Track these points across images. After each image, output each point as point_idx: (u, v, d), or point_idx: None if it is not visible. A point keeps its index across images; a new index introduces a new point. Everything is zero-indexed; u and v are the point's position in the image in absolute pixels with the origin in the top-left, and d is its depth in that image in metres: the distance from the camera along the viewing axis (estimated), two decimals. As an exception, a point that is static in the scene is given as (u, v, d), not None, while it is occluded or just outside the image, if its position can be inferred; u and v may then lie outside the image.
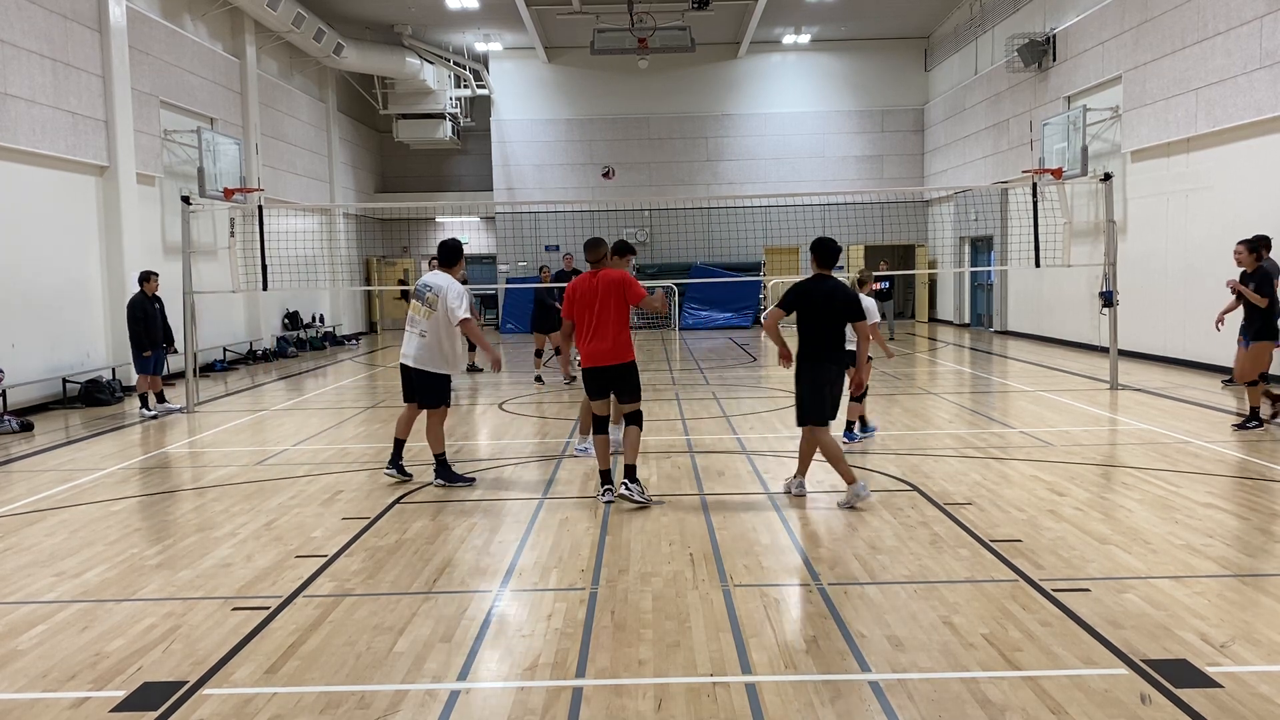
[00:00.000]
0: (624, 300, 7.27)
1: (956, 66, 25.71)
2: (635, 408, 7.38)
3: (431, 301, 7.83)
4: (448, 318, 7.80)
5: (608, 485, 7.38)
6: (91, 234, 14.92)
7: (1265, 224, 13.04)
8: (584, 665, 4.35)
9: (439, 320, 7.83)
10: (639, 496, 7.16)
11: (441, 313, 7.80)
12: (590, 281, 7.34)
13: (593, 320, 7.28)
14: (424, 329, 7.88)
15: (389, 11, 24.26)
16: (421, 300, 7.89)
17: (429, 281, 7.97)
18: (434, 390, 7.99)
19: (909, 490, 7.54)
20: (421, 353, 7.90)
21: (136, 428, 11.87)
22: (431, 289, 7.86)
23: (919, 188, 28.11)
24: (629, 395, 7.36)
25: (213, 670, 4.36)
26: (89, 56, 14.78)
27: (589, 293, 7.31)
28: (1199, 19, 14.40)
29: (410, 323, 8.01)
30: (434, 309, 7.82)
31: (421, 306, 7.89)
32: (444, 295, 7.79)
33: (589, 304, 7.29)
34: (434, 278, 8.00)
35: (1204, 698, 3.88)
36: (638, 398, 7.40)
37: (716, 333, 25.92)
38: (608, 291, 7.25)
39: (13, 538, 6.78)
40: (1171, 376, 14.01)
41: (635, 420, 7.36)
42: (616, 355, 7.28)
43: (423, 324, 7.88)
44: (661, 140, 28.75)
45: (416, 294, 7.96)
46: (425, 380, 7.97)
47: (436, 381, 7.98)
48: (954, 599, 5.07)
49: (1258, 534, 6.14)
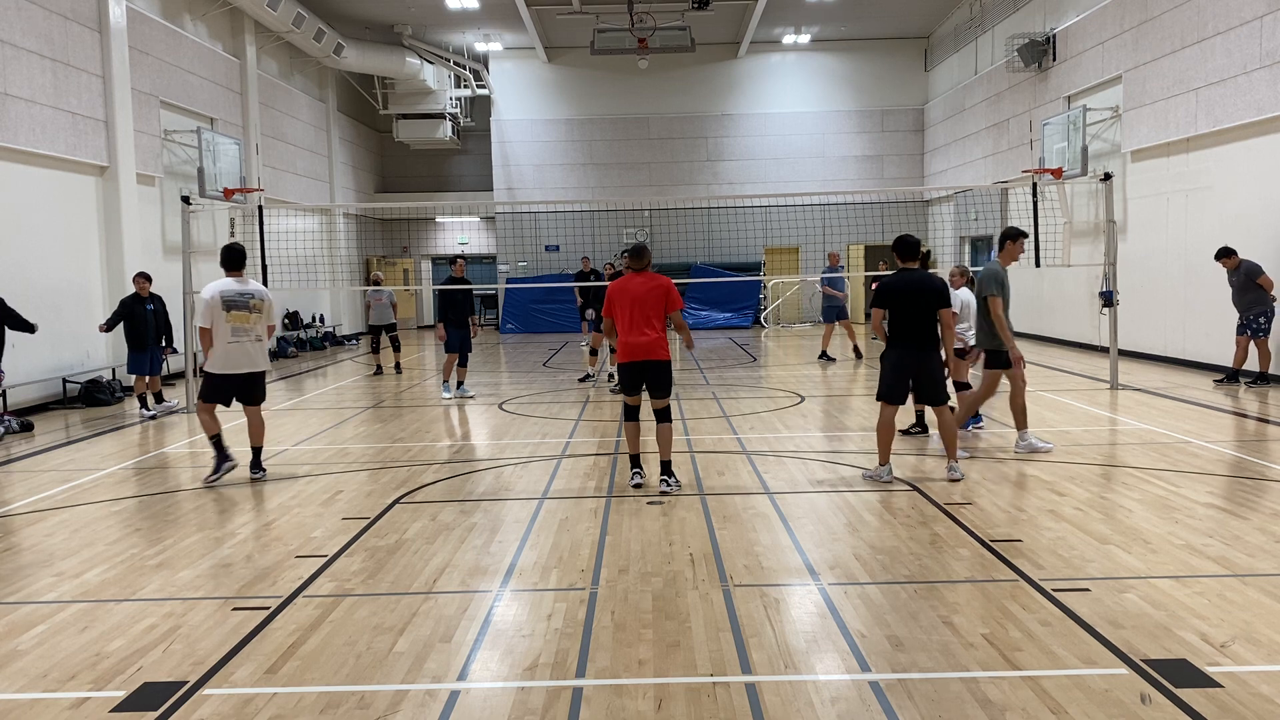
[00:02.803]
0: (665, 304, 7.60)
1: (956, 66, 25.71)
2: (666, 403, 7.69)
3: (257, 307, 8.37)
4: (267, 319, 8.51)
5: (637, 469, 7.81)
6: (91, 234, 14.92)
7: (1265, 224, 13.05)
8: (584, 665, 4.35)
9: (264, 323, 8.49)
10: (675, 488, 7.55)
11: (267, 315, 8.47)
12: (637, 281, 7.63)
13: (637, 318, 7.55)
14: (259, 334, 8.42)
15: (389, 11, 24.26)
16: (247, 309, 8.31)
17: (252, 290, 8.38)
18: (263, 385, 8.66)
19: (909, 490, 7.54)
20: (260, 356, 8.48)
21: (136, 428, 11.87)
22: (255, 295, 8.38)
23: (919, 188, 28.11)
24: (662, 391, 7.64)
25: (213, 670, 4.36)
26: (89, 56, 14.78)
27: (636, 292, 7.58)
28: (1199, 19, 14.40)
29: (239, 334, 8.28)
30: (263, 313, 8.43)
31: (250, 315, 8.33)
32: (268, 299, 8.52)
33: (635, 302, 7.54)
34: (249, 285, 8.41)
35: (1204, 698, 3.88)
36: (669, 394, 7.70)
37: (716, 332, 25.92)
38: (655, 294, 7.56)
39: (13, 538, 6.78)
40: (1171, 376, 14.01)
41: (665, 417, 7.68)
42: (657, 352, 7.56)
43: (257, 329, 8.39)
44: (661, 140, 28.75)
45: (237, 304, 8.26)
46: (260, 379, 8.58)
47: (264, 377, 8.65)
48: (954, 599, 5.07)
49: (1258, 534, 6.14)
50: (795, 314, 28.90)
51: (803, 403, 12.51)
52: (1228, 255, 12.67)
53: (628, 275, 7.71)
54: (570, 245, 28.04)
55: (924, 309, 7.57)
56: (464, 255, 15.39)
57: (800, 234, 27.36)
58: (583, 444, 9.90)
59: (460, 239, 31.42)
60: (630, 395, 7.76)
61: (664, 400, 7.65)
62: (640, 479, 7.74)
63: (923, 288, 7.58)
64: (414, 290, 30.54)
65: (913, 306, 7.57)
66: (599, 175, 28.71)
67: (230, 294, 8.24)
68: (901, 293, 7.61)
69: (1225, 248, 12.75)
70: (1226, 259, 12.68)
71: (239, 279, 8.37)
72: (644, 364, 7.57)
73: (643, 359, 7.55)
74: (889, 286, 7.67)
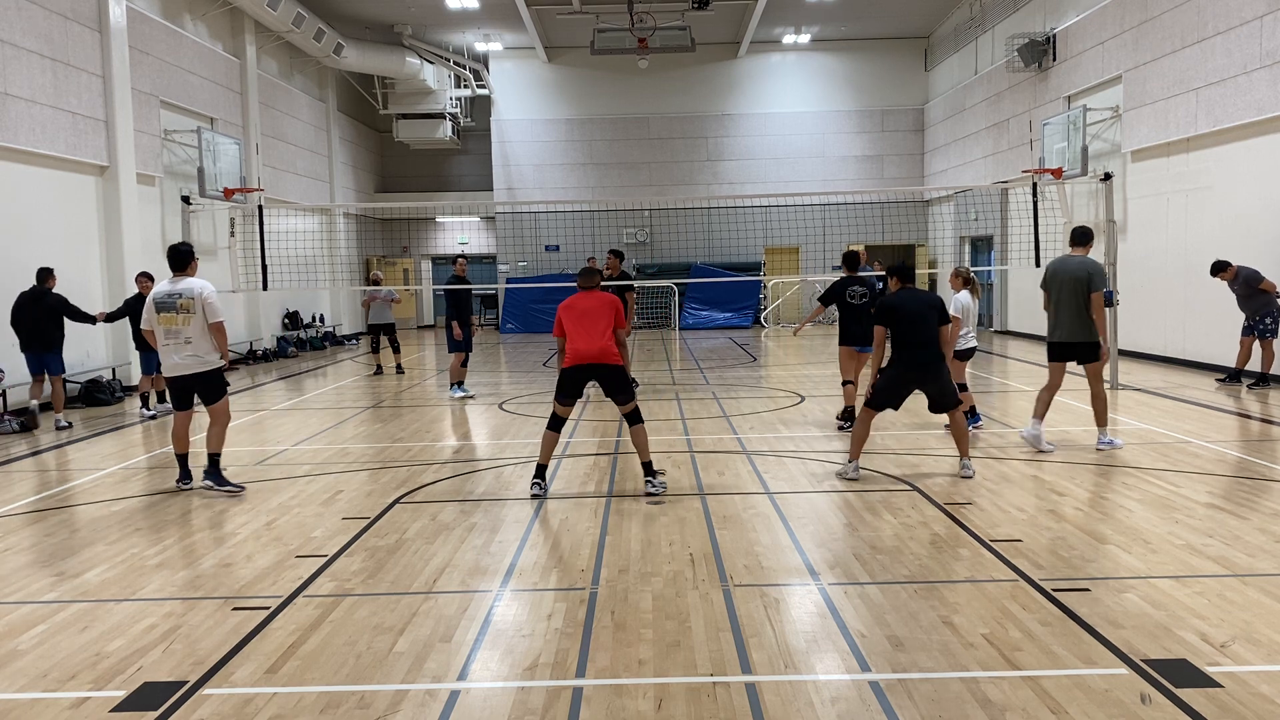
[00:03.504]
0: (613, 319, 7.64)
1: (956, 66, 25.71)
2: (632, 407, 7.57)
3: (185, 306, 7.84)
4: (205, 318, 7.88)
5: (539, 479, 7.63)
6: (91, 234, 14.92)
7: (1265, 224, 13.05)
8: (584, 665, 4.35)
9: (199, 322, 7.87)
10: (661, 489, 7.48)
11: (201, 314, 7.85)
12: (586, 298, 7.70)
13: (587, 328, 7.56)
14: (188, 335, 7.87)
15: (389, 11, 24.26)
16: (174, 309, 7.86)
17: (180, 289, 7.88)
18: (214, 384, 8.05)
19: (909, 490, 7.54)
20: (190, 360, 7.90)
21: (136, 427, 11.87)
22: (184, 295, 7.87)
23: (919, 188, 28.12)
24: (623, 396, 7.56)
25: (213, 670, 4.36)
26: (89, 56, 14.78)
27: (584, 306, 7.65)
28: (1199, 19, 14.40)
29: (169, 335, 7.89)
30: (193, 312, 7.84)
31: (177, 316, 7.85)
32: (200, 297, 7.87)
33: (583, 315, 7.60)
34: (180, 284, 7.92)
35: (1204, 698, 3.88)
36: (631, 397, 7.59)
37: (716, 333, 25.92)
38: (603, 309, 7.63)
39: (13, 538, 6.78)
40: (1171, 376, 14.00)
41: (636, 419, 7.57)
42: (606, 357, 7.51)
43: (186, 331, 7.86)
44: (661, 140, 28.75)
45: (165, 305, 7.88)
46: (203, 380, 7.99)
47: (214, 375, 8.05)
48: (954, 599, 5.07)
49: (1258, 534, 6.14)
50: (795, 314, 28.89)
51: (803, 403, 12.51)
52: (1223, 269, 12.56)
53: (578, 294, 7.75)
54: (570, 245, 28.05)
55: (926, 325, 7.76)
56: (464, 255, 15.39)
57: (800, 234, 27.36)
58: (583, 444, 9.90)
59: (460, 239, 31.43)
60: (563, 404, 7.57)
61: (629, 404, 7.55)
62: (539, 490, 7.57)
63: (924, 306, 7.82)
64: (414, 290, 30.54)
65: (916, 323, 7.75)
66: (599, 175, 28.72)
67: (160, 295, 7.92)
68: (902, 310, 7.79)
69: (1218, 261, 12.63)
70: (1223, 272, 12.57)
71: (174, 279, 7.98)
72: (592, 367, 7.47)
73: (590, 362, 7.46)
74: (890, 306, 7.83)
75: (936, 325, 7.81)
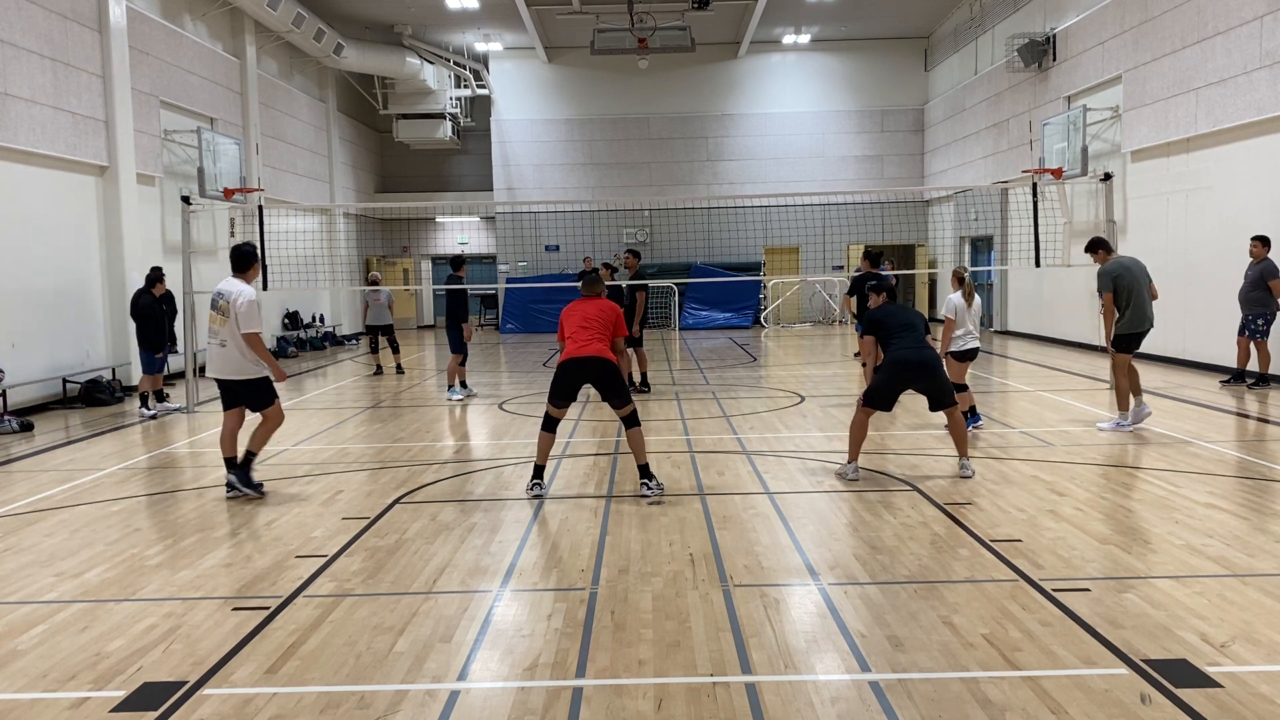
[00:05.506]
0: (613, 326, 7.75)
1: (956, 66, 25.71)
2: (629, 409, 7.54)
3: (224, 308, 7.58)
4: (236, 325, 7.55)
5: (538, 480, 7.62)
6: (91, 234, 14.91)
7: (1265, 224, 13.04)
8: (584, 665, 4.35)
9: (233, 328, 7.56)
10: (657, 491, 7.44)
11: (234, 321, 7.54)
12: (588, 304, 7.83)
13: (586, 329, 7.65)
14: (224, 338, 7.60)
15: (389, 11, 24.26)
16: (216, 309, 7.63)
17: (223, 290, 7.65)
18: (259, 391, 7.73)
19: (909, 490, 7.54)
20: (224, 363, 7.65)
21: (137, 427, 11.87)
22: (224, 296, 7.60)
23: (919, 188, 28.12)
24: (619, 399, 7.53)
25: (213, 670, 4.36)
26: (89, 56, 14.78)
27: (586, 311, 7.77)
28: (1199, 19, 14.40)
29: (211, 335, 7.69)
30: (227, 316, 7.56)
31: (218, 316, 7.62)
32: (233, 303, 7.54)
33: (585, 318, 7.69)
34: (225, 285, 7.69)
35: (1204, 698, 3.88)
36: (627, 399, 7.55)
37: (716, 333, 25.92)
38: (605, 315, 7.74)
39: (13, 538, 6.78)
40: (1171, 376, 14.00)
41: (633, 422, 7.53)
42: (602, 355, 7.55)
43: (222, 334, 7.60)
44: (661, 140, 28.75)
45: (213, 304, 7.66)
46: (244, 387, 7.72)
47: (256, 383, 7.72)
48: (954, 599, 5.07)
49: (1258, 534, 6.14)
50: (795, 314, 28.89)
51: (803, 403, 12.51)
52: (1263, 243, 12.26)
53: (580, 300, 7.86)
54: (570, 245, 28.05)
55: (914, 330, 7.96)
56: (463, 256, 15.40)
57: (800, 234, 27.37)
58: (583, 444, 9.90)
59: (460, 239, 31.43)
60: (557, 405, 7.56)
61: (626, 407, 7.51)
62: (539, 490, 7.57)
63: (910, 315, 8.06)
64: (414, 290, 30.54)
65: (905, 328, 7.94)
66: (599, 175, 28.71)
67: (215, 292, 7.75)
68: (889, 319, 8.00)
69: (1263, 236, 12.34)
70: (1260, 245, 12.27)
71: (231, 279, 7.73)
72: (586, 361, 7.45)
73: (585, 355, 7.46)
74: (876, 320, 8.05)
75: (924, 332, 7.98)
